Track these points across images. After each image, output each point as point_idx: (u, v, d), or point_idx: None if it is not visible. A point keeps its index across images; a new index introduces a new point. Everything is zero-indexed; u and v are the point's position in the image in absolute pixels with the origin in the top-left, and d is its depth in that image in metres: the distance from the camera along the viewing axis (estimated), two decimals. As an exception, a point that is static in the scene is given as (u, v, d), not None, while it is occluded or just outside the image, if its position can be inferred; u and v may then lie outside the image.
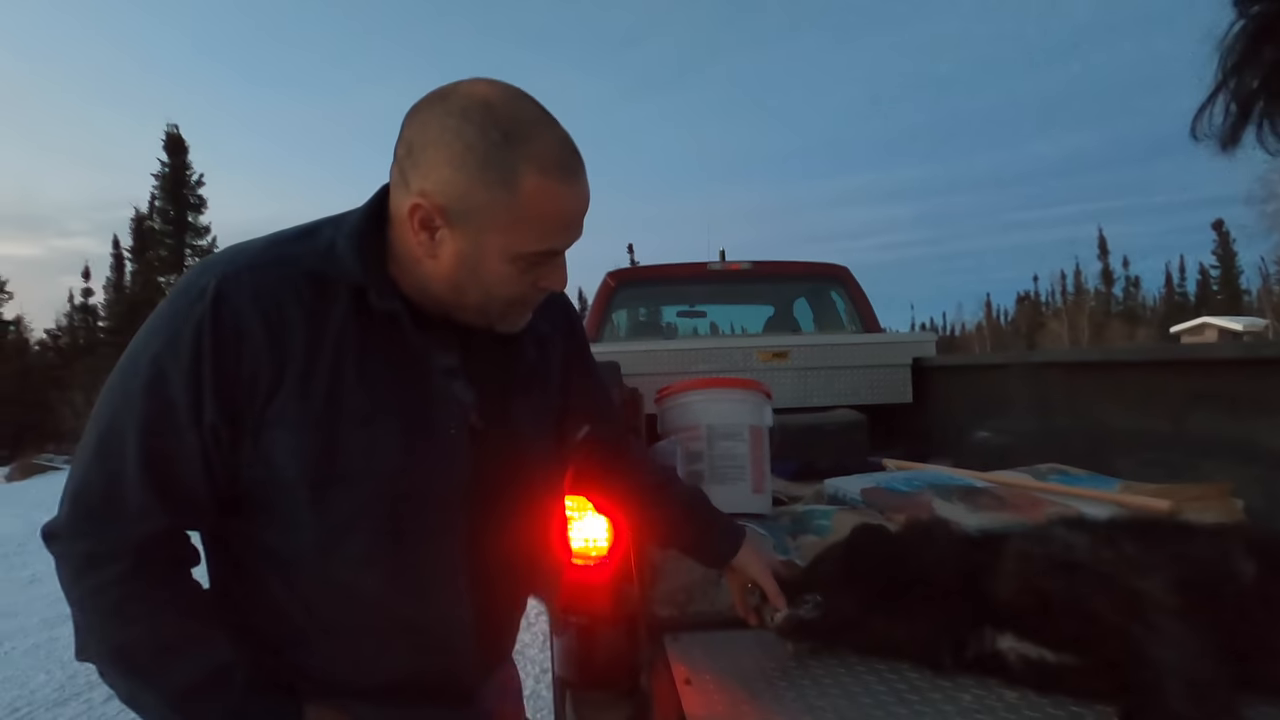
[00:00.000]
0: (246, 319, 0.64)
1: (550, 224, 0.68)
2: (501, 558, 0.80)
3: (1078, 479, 1.91)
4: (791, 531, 1.55)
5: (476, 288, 0.70)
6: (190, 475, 0.65)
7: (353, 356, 0.68)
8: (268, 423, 0.65)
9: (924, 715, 0.87)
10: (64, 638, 3.64)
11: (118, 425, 0.65)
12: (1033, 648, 0.92)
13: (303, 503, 0.67)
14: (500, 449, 0.77)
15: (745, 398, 1.66)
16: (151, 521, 0.65)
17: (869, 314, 3.79)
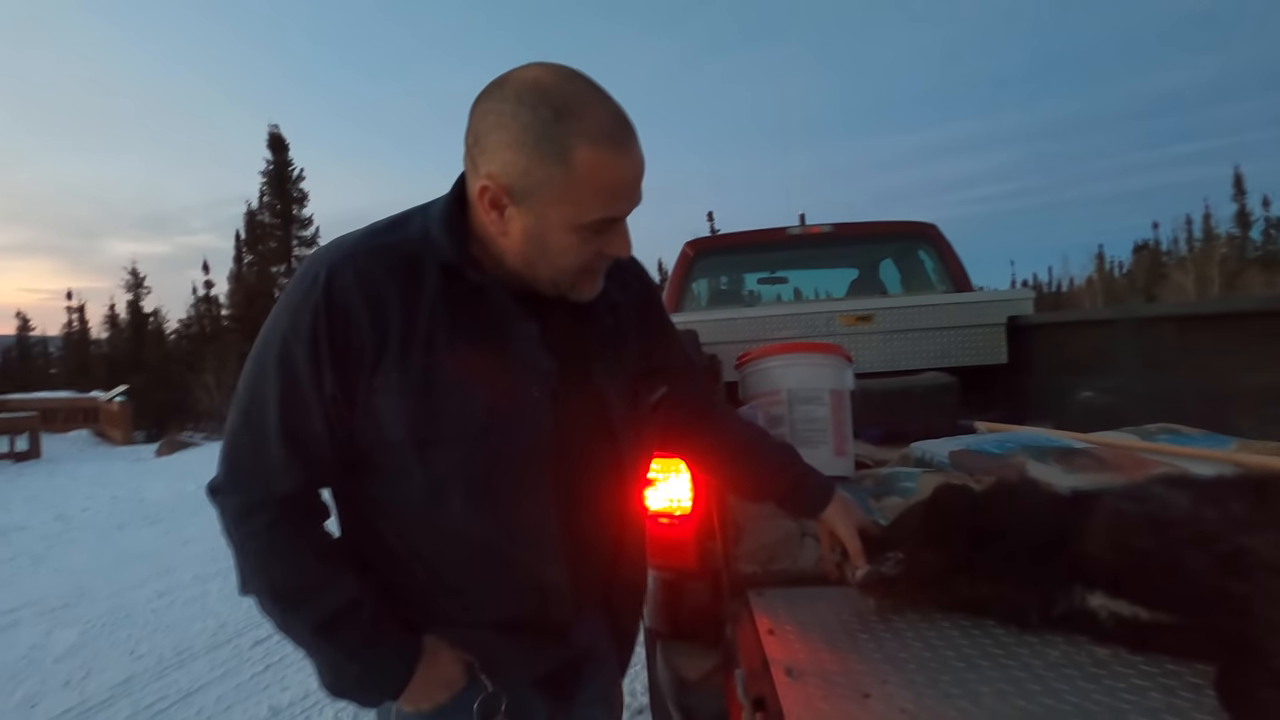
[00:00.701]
0: (352, 301, 0.73)
1: (605, 193, 0.73)
2: (590, 510, 0.87)
3: (1190, 439, 1.80)
4: (875, 494, 1.55)
5: (545, 260, 0.76)
6: (317, 438, 0.75)
7: (444, 330, 0.75)
8: (375, 390, 0.74)
9: (1009, 668, 0.88)
10: (214, 591, 4.12)
11: (258, 397, 0.75)
12: (1125, 605, 0.91)
13: (408, 461, 0.75)
14: (582, 411, 0.84)
15: (825, 361, 1.66)
16: (290, 477, 0.76)
17: (960, 273, 3.63)
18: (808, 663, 0.93)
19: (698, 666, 1.19)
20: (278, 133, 26.25)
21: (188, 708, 2.69)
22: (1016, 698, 0.81)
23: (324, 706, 2.61)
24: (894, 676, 0.88)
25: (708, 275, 4.10)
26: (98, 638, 3.50)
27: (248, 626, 3.49)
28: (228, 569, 4.58)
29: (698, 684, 1.18)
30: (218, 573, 4.49)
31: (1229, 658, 0.77)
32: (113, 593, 4.21)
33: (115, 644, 3.40)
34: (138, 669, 3.08)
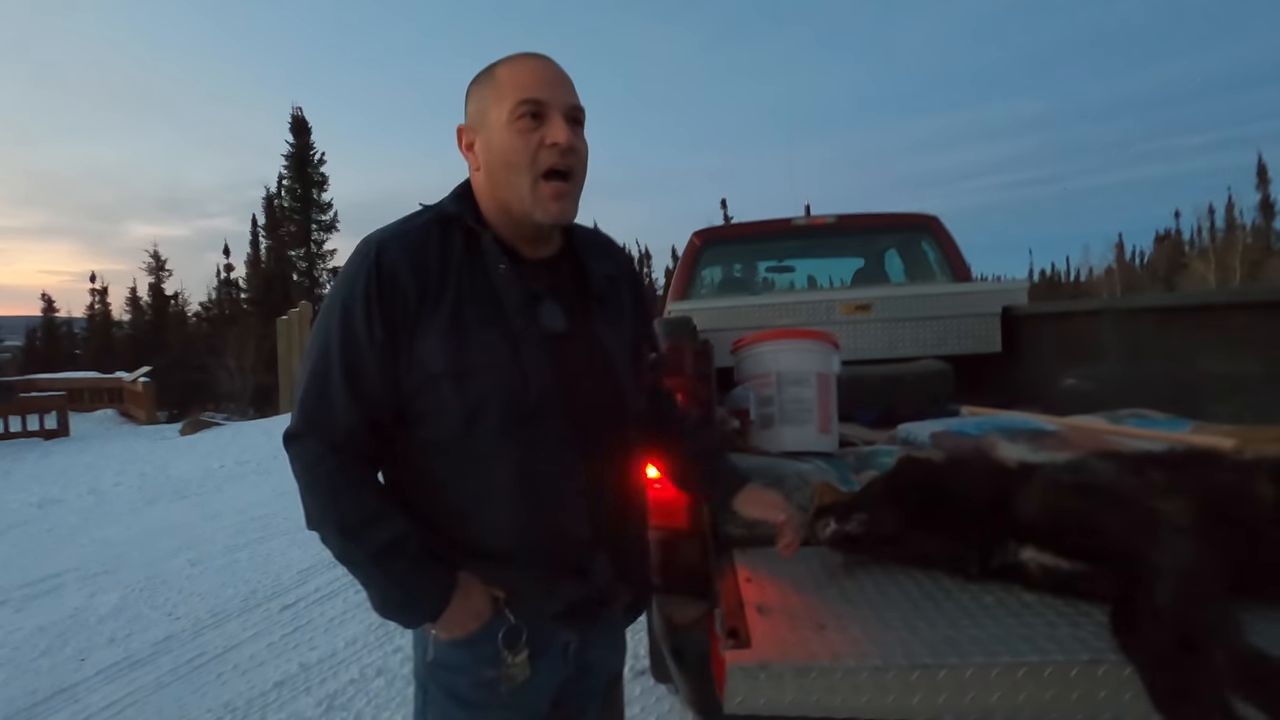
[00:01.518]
0: (398, 265, 0.90)
1: (520, 84, 0.92)
2: (600, 453, 0.98)
3: (1155, 422, 1.93)
4: (855, 469, 1.70)
5: (504, 168, 0.93)
6: (373, 379, 0.90)
7: (469, 281, 0.93)
8: (418, 333, 0.90)
9: (946, 609, 1.03)
10: (244, 560, 4.35)
11: (325, 350, 0.91)
12: (1050, 558, 1.06)
13: (446, 392, 0.89)
14: (587, 353, 0.99)
15: (813, 347, 1.80)
16: (351, 417, 0.90)
17: (960, 263, 3.73)
18: (776, 603, 1.09)
19: (686, 613, 1.35)
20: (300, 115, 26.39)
21: (224, 663, 2.90)
22: (947, 629, 0.96)
23: (349, 664, 2.81)
24: (848, 614, 1.03)
25: (715, 264, 4.22)
26: (137, 601, 3.73)
27: (277, 592, 3.70)
28: (256, 540, 4.82)
29: (686, 627, 1.34)
30: (246, 544, 4.73)
31: (1122, 597, 0.92)
32: (148, 561, 4.45)
33: (154, 607, 3.63)
34: (176, 629, 3.30)
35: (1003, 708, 0.86)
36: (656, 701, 2.39)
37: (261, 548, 4.64)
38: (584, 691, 1.08)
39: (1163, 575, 0.91)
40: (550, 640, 0.99)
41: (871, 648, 0.92)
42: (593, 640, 1.05)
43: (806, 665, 0.89)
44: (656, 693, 2.42)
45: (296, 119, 26.30)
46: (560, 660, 1.01)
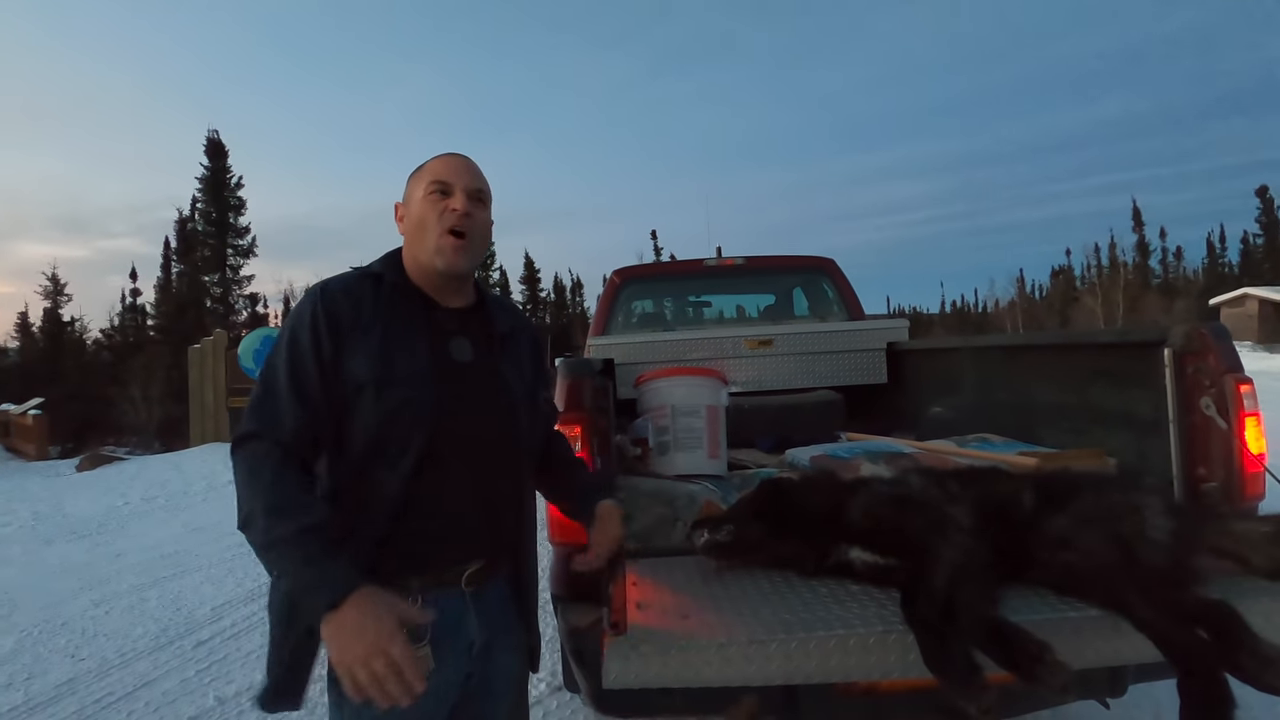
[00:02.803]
0: (338, 299, 1.13)
1: (438, 169, 1.20)
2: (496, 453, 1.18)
3: (995, 445, 2.27)
4: (738, 488, 1.94)
5: (417, 229, 1.18)
6: (315, 388, 1.08)
7: (395, 319, 1.15)
8: (351, 353, 1.10)
9: (788, 598, 1.27)
10: (153, 599, 4.22)
11: (273, 368, 1.10)
12: (870, 555, 1.31)
13: (369, 399, 1.08)
14: (488, 381, 1.20)
15: (703, 382, 2.05)
16: (296, 420, 1.06)
17: (853, 301, 4.13)
18: (654, 600, 1.30)
19: (585, 617, 1.54)
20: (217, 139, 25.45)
21: (134, 701, 2.86)
22: (784, 613, 1.19)
23: (268, 696, 2.84)
24: (710, 606, 1.26)
25: (634, 300, 4.49)
26: (36, 644, 3.58)
27: (190, 629, 3.64)
28: (166, 578, 4.68)
29: (584, 630, 1.52)
30: (155, 582, 4.58)
31: (910, 581, 1.18)
32: (47, 604, 4.26)
33: (55, 649, 3.50)
34: (80, 670, 3.21)
35: (820, 670, 1.10)
36: (572, 714, 2.55)
37: (172, 585, 4.51)
38: (490, 693, 1.23)
39: (942, 563, 1.17)
40: (454, 637, 1.14)
41: (722, 629, 1.14)
42: (496, 642, 1.20)
43: (668, 644, 1.10)
44: (573, 705, 2.58)
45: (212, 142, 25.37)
46: (465, 656, 1.17)
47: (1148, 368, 1.78)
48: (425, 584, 1.12)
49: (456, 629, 1.15)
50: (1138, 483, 1.38)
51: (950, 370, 3.06)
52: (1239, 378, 1.57)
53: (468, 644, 1.17)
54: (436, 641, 1.07)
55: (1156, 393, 1.74)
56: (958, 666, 1.03)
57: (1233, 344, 1.67)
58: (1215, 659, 0.99)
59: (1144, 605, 1.08)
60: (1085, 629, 1.12)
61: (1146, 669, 1.35)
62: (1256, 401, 1.58)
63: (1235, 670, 0.97)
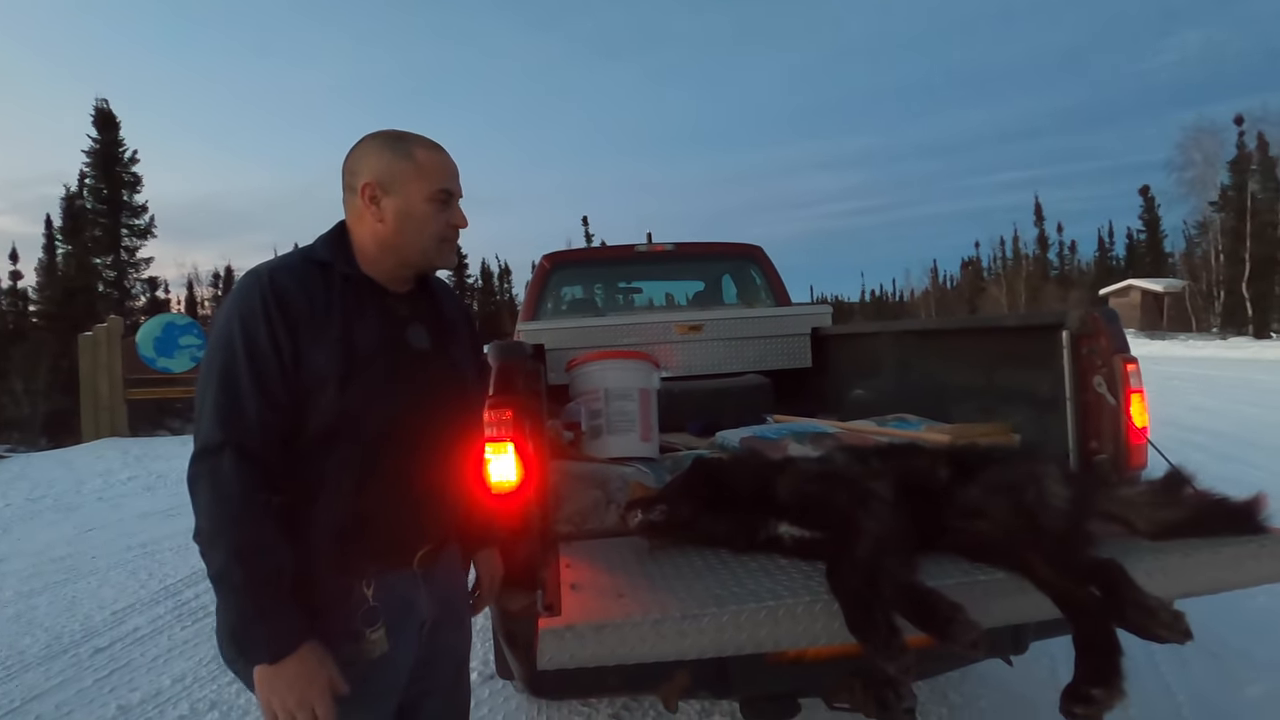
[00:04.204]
0: (290, 286, 1.05)
1: (441, 173, 1.14)
2: (455, 441, 1.18)
3: (910, 424, 2.39)
4: (670, 470, 1.97)
5: (415, 230, 1.12)
6: (278, 384, 1.01)
7: (352, 307, 1.08)
8: (313, 342, 1.04)
9: (719, 573, 1.30)
10: (43, 605, 3.90)
11: (230, 363, 1.00)
12: (797, 529, 1.36)
13: (331, 392, 1.03)
14: (447, 368, 1.18)
15: (636, 366, 2.06)
16: (263, 422, 0.99)
17: (780, 288, 4.23)
18: (588, 581, 1.30)
19: (518, 601, 1.52)
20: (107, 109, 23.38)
21: (22, 716, 2.64)
22: (717, 588, 1.22)
23: (178, 701, 2.67)
24: (644, 584, 1.27)
25: (564, 285, 4.45)
26: (-98, 660, 3.25)
27: (87, 635, 3.38)
28: (57, 583, 4.32)
29: (518, 614, 1.51)
30: (44, 588, 4.23)
31: (835, 552, 1.23)
32: (-86, 616, 3.86)
33: (-74, 665, 3.18)
34: (-43, 686, 2.94)
35: (751, 641, 1.13)
36: (504, 701, 2.53)
37: (65, 590, 4.18)
38: (433, 673, 1.22)
39: (865, 535, 1.23)
40: (406, 617, 1.13)
41: (656, 606, 1.16)
42: (443, 620, 1.20)
43: (602, 623, 1.11)
44: (505, 693, 2.56)
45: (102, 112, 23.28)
46: (416, 638, 1.16)
47: (1048, 349, 1.91)
48: (380, 568, 1.10)
49: (409, 609, 1.14)
50: (1039, 455, 1.48)
51: (870, 354, 3.19)
52: (1127, 358, 1.71)
53: (419, 623, 1.17)
54: (391, 624, 1.08)
55: (1055, 372, 1.87)
56: (880, 631, 1.09)
57: (1121, 327, 1.81)
58: (1106, 613, 1.09)
59: (1044, 566, 1.17)
60: (993, 590, 1.19)
61: (1046, 627, 1.46)
62: (1141, 380, 1.72)
63: (1123, 622, 1.06)
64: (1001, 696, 2.34)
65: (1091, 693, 1.00)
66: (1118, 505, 1.41)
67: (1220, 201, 29.43)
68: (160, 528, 5.56)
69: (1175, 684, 2.35)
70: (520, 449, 1.55)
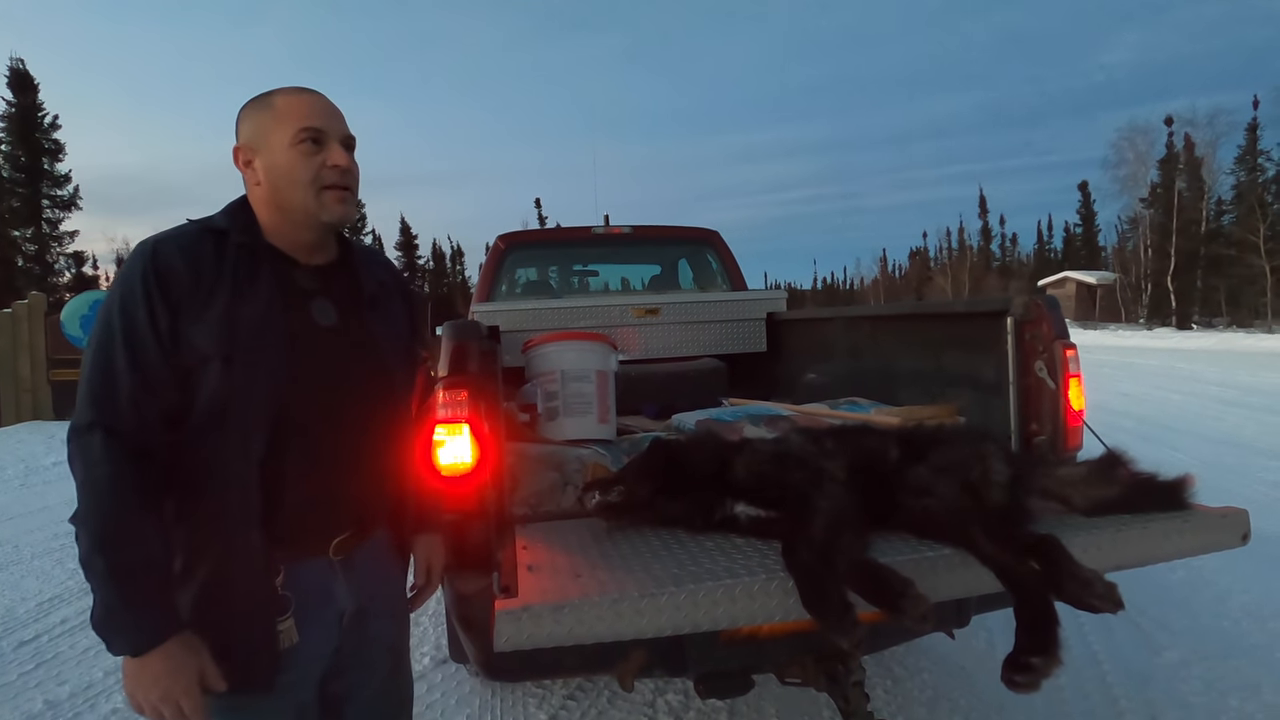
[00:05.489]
0: (174, 260, 0.99)
1: (302, 111, 1.05)
2: (369, 419, 1.10)
3: (861, 406, 2.44)
4: (628, 452, 1.97)
5: (288, 183, 1.04)
6: (156, 364, 0.96)
7: (243, 280, 1.02)
8: (191, 320, 0.98)
9: (676, 553, 1.31)
10: (-41, 598, 3.68)
11: (107, 341, 0.96)
12: (753, 509, 1.38)
13: (215, 374, 0.97)
14: (357, 345, 1.10)
15: (593, 348, 2.05)
16: (137, 402, 0.95)
17: (736, 273, 4.26)
18: (545, 562, 1.29)
19: (473, 584, 1.50)
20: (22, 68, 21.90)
21: (-61, 715, 2.49)
22: (674, 568, 1.23)
23: (111, 694, 2.56)
24: (602, 564, 1.27)
25: (519, 267, 4.38)
26: None
27: (9, 628, 3.20)
28: (-25, 573, 4.08)
29: (472, 597, 1.49)
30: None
31: (790, 530, 1.25)
32: None
33: None
34: None
35: (708, 619, 1.14)
36: (457, 685, 2.51)
37: (-15, 581, 3.94)
38: (363, 663, 1.17)
39: (818, 513, 1.25)
40: (321, 608, 1.08)
41: (613, 586, 1.15)
42: (370, 608, 1.14)
43: (560, 604, 1.10)
44: (459, 676, 2.54)
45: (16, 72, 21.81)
46: (335, 628, 1.11)
47: (993, 335, 1.98)
48: (288, 556, 1.05)
49: (324, 599, 1.10)
50: (983, 436, 1.53)
51: (824, 339, 3.25)
52: (1066, 343, 1.78)
53: (337, 614, 1.12)
54: (301, 613, 1.05)
55: (999, 356, 1.94)
56: (833, 606, 1.11)
57: (1062, 314, 1.89)
58: (1044, 585, 1.13)
59: (988, 542, 1.21)
60: (940, 566, 1.23)
61: (987, 600, 1.52)
62: (1079, 365, 1.79)
63: (1060, 594, 1.11)
64: (942, 668, 2.44)
65: (1031, 661, 1.05)
66: (1056, 484, 1.47)
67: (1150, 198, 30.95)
68: (90, 515, 5.29)
69: (1100, 651, 2.49)
70: (476, 430, 1.53)
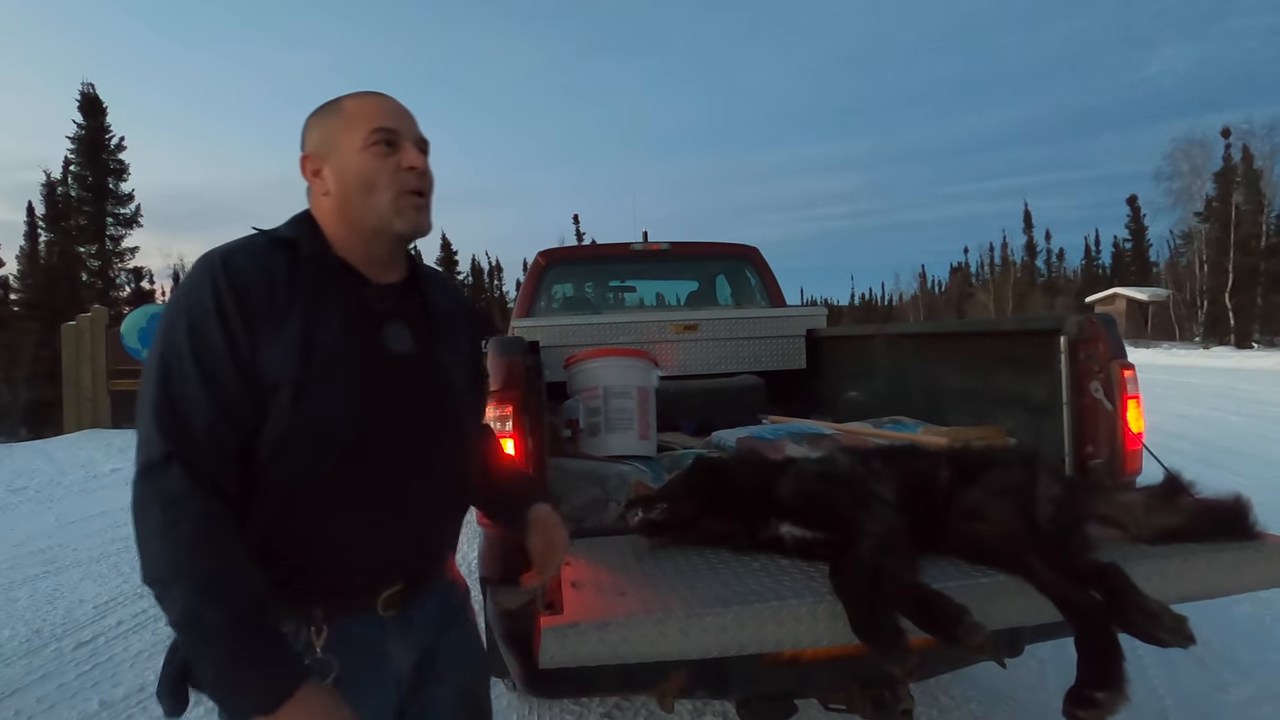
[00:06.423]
0: (248, 271, 0.89)
1: (371, 113, 0.98)
2: (438, 459, 1.00)
3: (907, 426, 2.39)
4: (669, 469, 1.96)
5: (360, 188, 0.95)
6: (233, 386, 0.86)
7: (316, 300, 0.92)
8: (270, 339, 0.88)
9: (721, 572, 1.29)
10: (23, 599, 3.83)
11: (174, 363, 0.85)
12: (799, 529, 1.36)
13: (285, 400, 0.87)
14: (430, 374, 1.01)
15: (634, 364, 2.05)
16: (215, 432, 0.84)
17: (775, 289, 4.24)
18: (589, 579, 1.29)
19: (517, 600, 1.51)
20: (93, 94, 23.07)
21: (3, 710, 2.59)
22: (719, 588, 1.22)
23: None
24: (646, 583, 1.26)
25: (559, 283, 4.43)
26: (-123, 654, 3.18)
27: (69, 630, 3.33)
28: (38, 575, 4.26)
29: (516, 613, 1.50)
30: (25, 580, 4.16)
31: (839, 553, 1.22)
32: (-111, 608, 3.78)
33: (-98, 658, 3.12)
34: (-66, 680, 2.88)
35: (754, 641, 1.13)
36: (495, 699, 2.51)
37: (45, 583, 4.11)
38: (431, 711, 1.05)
39: (867, 535, 1.23)
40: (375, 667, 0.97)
41: (658, 605, 1.15)
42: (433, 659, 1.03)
43: (605, 621, 1.10)
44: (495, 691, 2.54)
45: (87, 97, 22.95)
46: (393, 688, 1.00)
47: (1044, 354, 1.92)
48: (330, 611, 0.93)
49: (376, 661, 0.98)
50: (1038, 458, 1.49)
51: (865, 356, 3.20)
52: (1124, 364, 1.72)
53: (394, 676, 1.00)
54: (350, 680, 0.92)
55: (1052, 377, 1.88)
56: (884, 632, 1.08)
57: (1118, 333, 1.83)
58: (1108, 616, 1.09)
59: (1046, 569, 1.17)
60: (995, 593, 1.20)
61: (1042, 630, 1.47)
62: (1138, 385, 1.73)
63: (1126, 626, 1.07)
64: (991, 698, 2.36)
65: (1095, 696, 1.00)
66: (1116, 510, 1.41)
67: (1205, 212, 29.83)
68: (144, 521, 5.48)
69: (1162, 687, 2.37)
70: (520, 445, 1.54)
